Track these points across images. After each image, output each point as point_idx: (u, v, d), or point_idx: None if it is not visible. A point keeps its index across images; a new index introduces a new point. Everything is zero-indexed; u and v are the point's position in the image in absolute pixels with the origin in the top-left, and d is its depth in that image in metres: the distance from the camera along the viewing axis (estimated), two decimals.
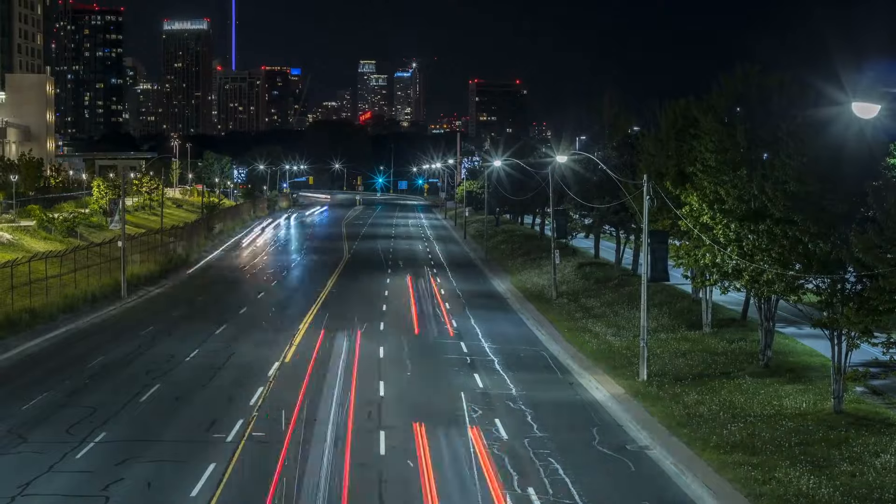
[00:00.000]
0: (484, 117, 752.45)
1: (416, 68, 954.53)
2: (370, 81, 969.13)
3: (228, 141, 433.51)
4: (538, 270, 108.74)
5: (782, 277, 49.07)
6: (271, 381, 55.62)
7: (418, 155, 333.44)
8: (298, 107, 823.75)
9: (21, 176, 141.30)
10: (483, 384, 55.64)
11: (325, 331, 73.10)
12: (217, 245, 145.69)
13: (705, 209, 56.69)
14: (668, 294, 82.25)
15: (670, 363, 59.09)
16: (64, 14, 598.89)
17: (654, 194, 59.85)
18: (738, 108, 58.15)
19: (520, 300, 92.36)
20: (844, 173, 43.55)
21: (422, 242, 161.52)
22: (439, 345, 68.36)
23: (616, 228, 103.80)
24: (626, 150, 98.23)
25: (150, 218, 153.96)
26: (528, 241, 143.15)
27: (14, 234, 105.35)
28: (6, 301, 73.01)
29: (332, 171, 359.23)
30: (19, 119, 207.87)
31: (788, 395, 49.85)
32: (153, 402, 50.77)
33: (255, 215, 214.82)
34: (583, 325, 75.31)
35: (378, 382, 55.54)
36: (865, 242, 40.79)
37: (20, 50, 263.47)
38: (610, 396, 53.09)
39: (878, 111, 28.92)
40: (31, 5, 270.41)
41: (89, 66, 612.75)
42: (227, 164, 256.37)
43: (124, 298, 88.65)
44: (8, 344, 65.78)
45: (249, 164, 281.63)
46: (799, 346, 62.76)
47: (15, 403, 49.75)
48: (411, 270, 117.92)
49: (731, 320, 71.80)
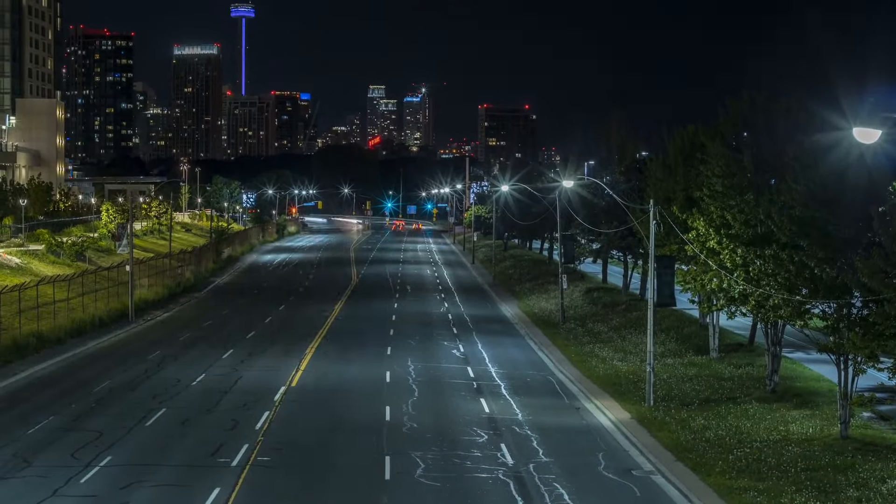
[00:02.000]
0: (493, 142, 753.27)
1: (426, 93, 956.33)
2: (379, 106, 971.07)
3: (238, 165, 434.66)
4: (546, 295, 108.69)
5: (788, 302, 49.01)
6: (277, 405, 55.58)
7: (427, 180, 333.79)
8: (308, 131, 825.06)
9: (30, 200, 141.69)
10: (489, 409, 55.55)
11: (332, 355, 73.13)
12: (225, 269, 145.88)
13: (712, 234, 56.66)
14: (676, 319, 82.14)
15: (677, 388, 59.00)
16: (75, 39, 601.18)
17: (660, 219, 59.83)
18: (745, 134, 58.19)
19: (527, 325, 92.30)
20: (850, 198, 43.53)
21: (430, 267, 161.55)
22: (446, 370, 68.26)
23: (624, 253, 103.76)
24: (634, 174, 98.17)
25: (159, 242, 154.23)
26: (536, 265, 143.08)
27: (22, 258, 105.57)
28: (14, 325, 73.16)
29: (342, 195, 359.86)
30: (29, 143, 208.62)
31: (795, 421, 49.73)
32: (159, 426, 50.75)
33: (264, 240, 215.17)
34: (590, 350, 75.22)
35: (384, 407, 55.47)
36: (871, 267, 40.75)
37: (31, 74, 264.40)
38: (616, 421, 52.97)
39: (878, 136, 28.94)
40: (41, 30, 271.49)
41: (100, 91, 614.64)
42: (236, 188, 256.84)
43: (132, 322, 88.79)
44: (15, 368, 65.89)
45: (258, 188, 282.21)
46: (806, 372, 62.60)
47: (20, 427, 49.79)
48: (419, 295, 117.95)
49: (739, 345, 71.67)
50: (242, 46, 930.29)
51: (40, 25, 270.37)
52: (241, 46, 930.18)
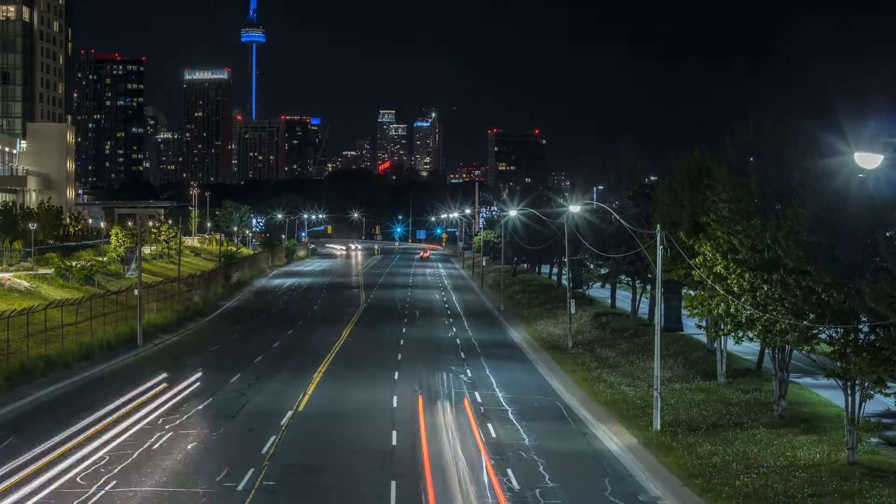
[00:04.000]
0: (503, 167, 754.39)
1: (436, 118, 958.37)
2: (389, 131, 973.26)
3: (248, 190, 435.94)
4: (554, 320, 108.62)
5: (796, 327, 48.92)
6: (284, 429, 55.54)
7: (437, 204, 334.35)
8: (318, 156, 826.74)
9: (40, 224, 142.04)
10: (496, 434, 55.45)
11: (340, 380, 73.13)
12: (234, 293, 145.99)
13: (719, 259, 56.65)
14: (684, 344, 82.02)
15: (684, 413, 58.86)
16: (86, 63, 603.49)
17: (667, 244, 59.84)
18: (751, 159, 58.20)
19: (535, 350, 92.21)
20: (855, 223, 43.49)
21: (439, 292, 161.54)
22: (454, 395, 68.14)
23: (632, 278, 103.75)
24: (642, 199, 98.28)
25: (168, 266, 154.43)
26: (544, 290, 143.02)
27: (32, 282, 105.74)
28: (22, 348, 73.26)
29: (351, 220, 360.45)
30: (40, 167, 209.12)
31: (802, 446, 49.55)
32: (165, 449, 50.71)
33: (273, 264, 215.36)
34: (597, 375, 75.09)
35: (391, 432, 55.41)
36: (878, 292, 40.64)
37: (42, 99, 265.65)
38: (623, 446, 52.86)
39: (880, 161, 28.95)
40: (52, 55, 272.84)
41: (111, 115, 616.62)
42: (245, 212, 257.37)
43: (140, 346, 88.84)
44: (22, 391, 65.94)
45: (268, 212, 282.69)
46: (814, 397, 62.46)
47: (27, 450, 49.74)
48: (428, 320, 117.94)
49: (747, 370, 71.54)
50: (253, 71, 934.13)
51: (51, 50, 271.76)
52: (252, 71, 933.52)
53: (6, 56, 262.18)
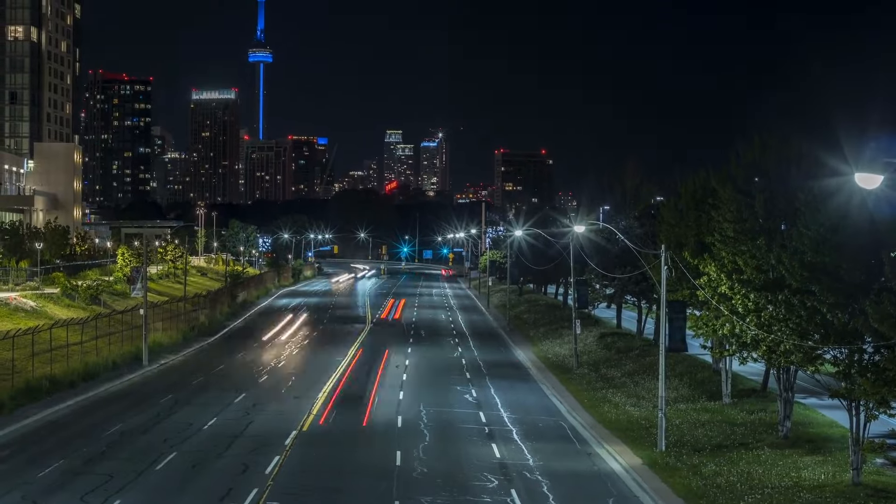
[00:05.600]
0: (510, 187, 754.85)
1: (443, 138, 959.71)
2: (396, 151, 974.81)
3: (254, 210, 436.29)
4: (560, 340, 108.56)
5: (800, 348, 48.86)
6: (288, 449, 55.47)
7: (443, 224, 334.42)
8: (325, 176, 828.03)
9: (46, 244, 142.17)
10: (500, 454, 55.39)
11: (344, 400, 73.08)
12: (240, 313, 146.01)
13: (723, 279, 56.59)
14: (689, 364, 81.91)
15: (689, 434, 58.79)
16: (94, 84, 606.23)
17: (672, 264, 59.81)
18: (756, 179, 58.19)
19: (541, 370, 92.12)
20: (859, 243, 43.46)
21: (445, 312, 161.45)
22: (458, 414, 68.10)
23: (638, 298, 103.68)
24: (648, 220, 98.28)
25: (174, 286, 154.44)
26: (550, 310, 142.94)
27: (38, 302, 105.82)
28: (27, 368, 73.27)
29: (358, 240, 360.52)
30: (47, 187, 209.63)
31: (807, 467, 49.46)
32: (169, 470, 50.67)
33: (280, 284, 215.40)
34: (603, 396, 75.04)
35: (395, 452, 55.34)
36: (882, 313, 40.60)
37: (49, 119, 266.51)
38: (627, 467, 52.77)
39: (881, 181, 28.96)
40: (60, 75, 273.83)
41: (118, 135, 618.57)
42: (252, 232, 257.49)
43: (145, 366, 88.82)
44: (27, 411, 65.91)
45: (275, 232, 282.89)
46: (819, 417, 62.32)
47: (31, 471, 49.78)
48: (433, 340, 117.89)
49: (752, 391, 71.42)
50: (260, 91, 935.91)
51: (59, 70, 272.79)
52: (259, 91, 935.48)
53: (14, 76, 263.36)
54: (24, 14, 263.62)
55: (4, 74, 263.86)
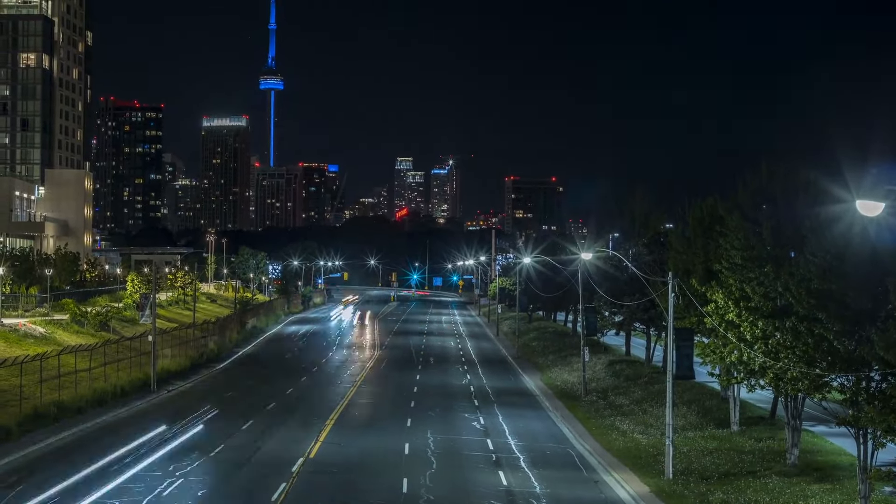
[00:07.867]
0: (520, 214, 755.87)
1: (453, 165, 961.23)
2: (407, 178, 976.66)
3: (265, 236, 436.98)
4: (569, 367, 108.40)
5: (807, 375, 48.75)
6: (294, 476, 55.42)
7: (453, 252, 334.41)
8: (335, 203, 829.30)
9: (56, 270, 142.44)
10: (507, 482, 55.30)
11: (352, 426, 73.00)
12: (249, 340, 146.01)
13: (731, 306, 56.53)
14: (697, 392, 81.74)
15: (697, 461, 58.63)
16: (105, 111, 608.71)
17: (680, 292, 59.80)
18: (763, 206, 58.24)
19: (549, 397, 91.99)
20: (866, 271, 43.40)
21: (454, 339, 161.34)
22: (465, 442, 68.03)
23: (647, 325, 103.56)
24: (657, 247, 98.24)
25: (184, 312, 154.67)
26: (559, 337, 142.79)
27: (47, 328, 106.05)
28: (35, 394, 73.39)
29: (368, 267, 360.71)
30: (58, 213, 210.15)
31: (815, 495, 49.28)
32: (176, 496, 50.64)
33: (289, 311, 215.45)
34: (611, 423, 74.92)
35: (402, 479, 55.25)
36: (888, 340, 40.51)
37: (60, 145, 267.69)
38: (635, 495, 52.66)
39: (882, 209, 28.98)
40: (72, 102, 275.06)
41: (129, 162, 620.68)
42: (262, 259, 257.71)
43: (153, 392, 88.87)
44: (34, 437, 65.92)
45: (284, 259, 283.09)
46: (828, 445, 62.14)
47: (37, 497, 49.73)
48: (442, 367, 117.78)
49: (760, 418, 71.26)
50: (271, 118, 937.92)
51: (70, 97, 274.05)
52: (270, 118, 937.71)
53: (26, 103, 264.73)
54: (36, 41, 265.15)
55: (16, 101, 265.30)
